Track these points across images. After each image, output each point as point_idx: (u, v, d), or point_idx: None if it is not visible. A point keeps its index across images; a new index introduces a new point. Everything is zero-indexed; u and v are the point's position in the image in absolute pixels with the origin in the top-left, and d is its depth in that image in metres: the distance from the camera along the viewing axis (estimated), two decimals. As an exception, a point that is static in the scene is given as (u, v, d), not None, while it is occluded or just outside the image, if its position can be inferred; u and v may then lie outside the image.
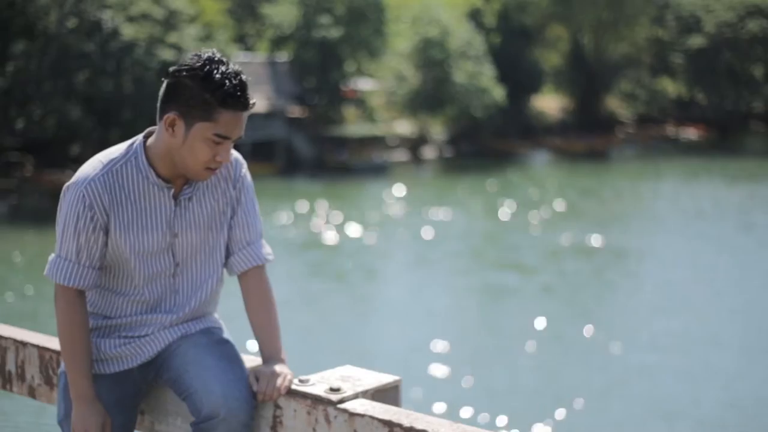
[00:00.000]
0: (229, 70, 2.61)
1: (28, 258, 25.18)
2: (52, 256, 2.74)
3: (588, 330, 18.00)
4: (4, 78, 39.38)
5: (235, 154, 2.85)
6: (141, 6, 40.80)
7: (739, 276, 23.06)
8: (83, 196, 2.67)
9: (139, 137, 2.75)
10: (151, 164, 2.70)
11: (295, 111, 51.79)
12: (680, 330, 18.08)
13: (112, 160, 2.71)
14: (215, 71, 2.59)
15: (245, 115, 2.65)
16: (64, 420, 2.77)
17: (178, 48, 41.03)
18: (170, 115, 2.63)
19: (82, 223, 2.67)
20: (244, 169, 2.85)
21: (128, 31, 39.33)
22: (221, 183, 2.80)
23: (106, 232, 2.70)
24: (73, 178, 2.71)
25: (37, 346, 3.07)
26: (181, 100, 2.61)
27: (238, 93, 2.60)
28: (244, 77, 2.63)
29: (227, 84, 2.59)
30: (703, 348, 16.90)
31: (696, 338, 17.53)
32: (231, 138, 2.64)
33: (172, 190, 2.72)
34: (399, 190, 40.50)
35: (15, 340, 3.14)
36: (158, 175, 2.71)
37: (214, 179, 2.79)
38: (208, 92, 2.58)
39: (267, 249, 2.85)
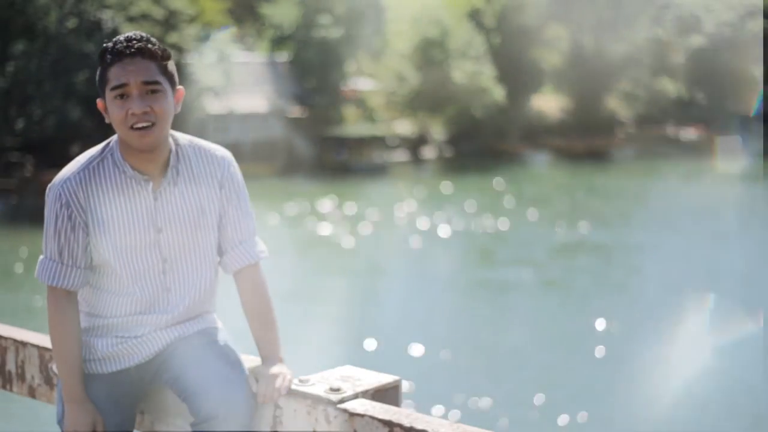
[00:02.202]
0: (117, 38, 2.70)
1: (28, 258, 25.16)
2: (41, 257, 2.76)
3: (592, 327, 18.00)
4: (4, 78, 39.38)
5: (222, 151, 2.83)
6: (141, 6, 40.81)
7: (742, 273, 23.09)
8: (60, 194, 2.69)
9: (116, 135, 2.76)
10: (125, 159, 2.71)
11: (295, 111, 51.78)
12: (686, 324, 18.11)
13: (89, 158, 2.74)
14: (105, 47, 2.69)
15: (136, 60, 2.66)
16: (63, 420, 2.77)
17: (178, 48, 41.02)
18: (98, 103, 2.76)
19: (61, 222, 2.69)
20: (233, 167, 2.82)
21: (128, 31, 39.34)
22: (205, 178, 2.78)
23: (87, 230, 2.70)
24: (53, 179, 2.73)
25: (37, 346, 3.07)
26: (97, 85, 2.75)
27: (115, 41, 2.68)
28: (133, 34, 2.69)
29: (109, 43, 2.70)
30: (708, 342, 16.93)
31: (701, 332, 17.56)
32: (126, 84, 2.64)
33: (151, 184, 2.71)
34: (399, 189, 40.47)
35: (15, 340, 3.13)
36: (133, 168, 2.70)
37: (197, 173, 2.76)
38: (99, 62, 2.72)
39: (261, 246, 2.83)
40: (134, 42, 2.66)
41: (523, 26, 61.27)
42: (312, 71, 52.03)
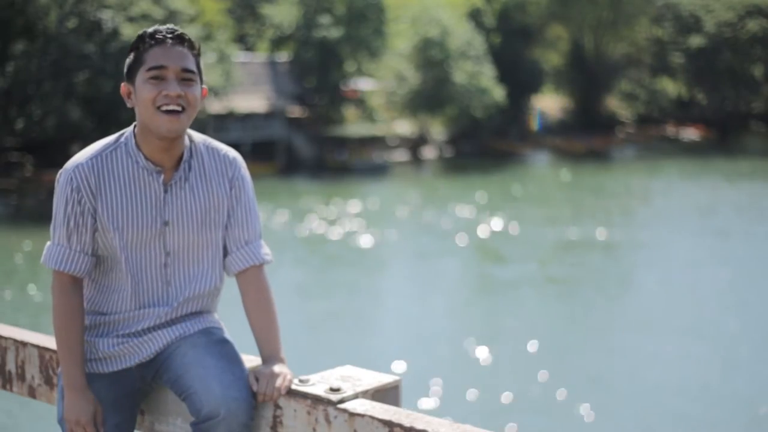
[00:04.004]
0: (158, 26, 2.73)
1: (28, 258, 25.18)
2: (48, 243, 2.76)
3: (593, 326, 18.02)
4: (4, 78, 39.40)
5: (233, 152, 2.85)
6: (141, 6, 40.82)
7: (745, 269, 23.15)
8: (71, 179, 2.70)
9: (131, 126, 2.78)
10: (139, 149, 2.72)
11: (295, 111, 51.80)
12: (689, 319, 18.17)
13: (104, 145, 2.76)
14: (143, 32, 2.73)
15: (176, 47, 2.69)
16: (63, 419, 2.77)
17: (178, 48, 41.00)
18: (122, 88, 2.74)
19: (71, 207, 2.70)
20: (243, 169, 2.84)
21: (128, 32, 39.33)
22: (216, 176, 2.79)
23: (95, 217, 2.71)
24: (66, 164, 2.75)
25: (37, 346, 3.07)
26: (126, 69, 2.74)
27: (155, 29, 2.69)
28: (172, 26, 2.72)
29: (148, 30, 2.71)
30: (711, 337, 16.99)
31: (704, 327, 17.62)
32: (164, 66, 2.66)
33: (162, 176, 2.73)
34: (399, 189, 40.50)
35: (15, 340, 3.13)
36: (147, 159, 2.72)
37: (208, 171, 2.78)
38: (135, 46, 2.72)
39: (266, 249, 2.83)
40: (174, 29, 2.71)
41: (523, 26, 61.29)
42: (312, 71, 52.04)
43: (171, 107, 2.65)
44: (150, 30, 2.70)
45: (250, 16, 58.56)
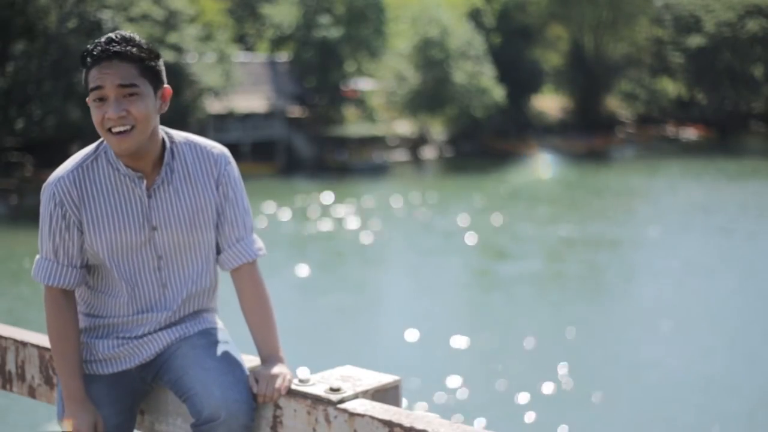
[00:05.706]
0: (99, 39, 2.66)
1: (28, 258, 25.17)
2: (37, 257, 2.75)
3: (596, 323, 18.01)
4: (4, 78, 39.38)
5: (219, 148, 2.81)
6: (141, 6, 40.81)
7: (747, 266, 23.16)
8: (54, 194, 2.68)
9: None
10: (118, 156, 2.70)
11: (295, 111, 51.78)
12: (692, 315, 18.17)
13: (83, 156, 2.73)
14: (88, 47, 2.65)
15: (114, 64, 2.60)
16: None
17: (178, 48, 41.02)
18: (87, 102, 2.71)
19: (55, 222, 2.68)
20: (230, 165, 2.80)
21: (128, 32, 39.35)
22: (201, 176, 2.76)
23: (81, 229, 2.69)
24: (48, 178, 2.73)
25: (37, 346, 3.06)
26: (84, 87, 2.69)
27: (96, 43, 2.62)
28: (114, 36, 2.63)
29: (89, 45, 2.65)
30: (714, 333, 17.01)
31: (707, 323, 17.64)
32: (101, 87, 2.60)
33: (144, 182, 2.70)
34: (399, 189, 40.48)
35: (15, 340, 3.13)
36: (127, 166, 2.69)
37: (192, 171, 2.75)
38: (82, 64, 2.66)
39: (258, 244, 2.81)
40: (113, 44, 2.61)
41: (523, 26, 61.29)
42: (312, 71, 52.03)
43: (117, 129, 2.61)
44: (90, 45, 2.64)
45: (250, 16, 58.53)
